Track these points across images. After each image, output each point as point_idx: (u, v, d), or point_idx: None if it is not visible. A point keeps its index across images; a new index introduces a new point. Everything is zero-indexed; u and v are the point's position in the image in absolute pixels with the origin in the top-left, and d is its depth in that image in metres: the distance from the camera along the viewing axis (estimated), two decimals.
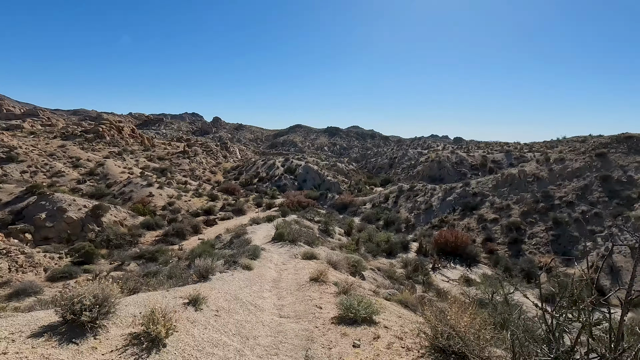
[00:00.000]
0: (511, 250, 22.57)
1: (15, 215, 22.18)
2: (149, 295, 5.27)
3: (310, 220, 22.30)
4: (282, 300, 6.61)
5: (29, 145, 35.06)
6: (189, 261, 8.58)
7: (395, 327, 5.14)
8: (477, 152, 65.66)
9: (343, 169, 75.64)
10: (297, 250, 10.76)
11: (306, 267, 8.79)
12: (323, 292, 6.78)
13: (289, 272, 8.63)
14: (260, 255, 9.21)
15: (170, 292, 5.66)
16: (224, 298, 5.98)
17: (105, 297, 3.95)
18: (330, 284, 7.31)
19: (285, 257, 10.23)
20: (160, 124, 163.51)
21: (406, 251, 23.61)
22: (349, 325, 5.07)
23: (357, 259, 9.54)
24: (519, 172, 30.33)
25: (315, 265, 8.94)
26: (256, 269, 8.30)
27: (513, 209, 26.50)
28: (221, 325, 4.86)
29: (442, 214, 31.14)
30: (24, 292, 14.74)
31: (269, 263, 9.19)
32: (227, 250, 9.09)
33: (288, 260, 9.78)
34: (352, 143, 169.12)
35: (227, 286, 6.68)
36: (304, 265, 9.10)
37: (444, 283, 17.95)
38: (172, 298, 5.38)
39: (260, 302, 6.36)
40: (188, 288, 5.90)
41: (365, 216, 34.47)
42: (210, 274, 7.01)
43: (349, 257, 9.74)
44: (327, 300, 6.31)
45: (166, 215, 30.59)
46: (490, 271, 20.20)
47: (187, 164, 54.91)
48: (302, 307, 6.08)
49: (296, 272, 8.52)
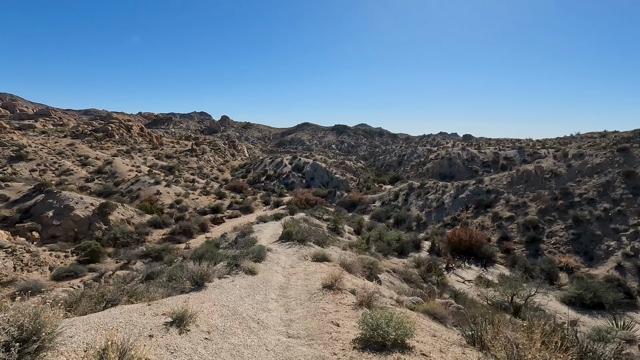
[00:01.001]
0: (529, 250, 21.56)
1: (23, 213, 22.14)
2: (122, 312, 4.33)
3: (318, 219, 21.69)
4: (291, 314, 5.73)
5: (38, 144, 35.30)
6: (192, 261, 7.92)
7: (434, 353, 4.22)
8: (488, 148, 64.10)
9: (351, 167, 74.83)
10: (306, 251, 9.93)
11: (317, 271, 7.97)
12: (339, 302, 5.86)
13: (298, 276, 7.82)
14: (265, 256, 8.46)
15: (153, 305, 4.69)
16: (220, 313, 5.05)
17: (37, 328, 2.76)
18: (346, 291, 6.43)
19: (293, 258, 9.39)
20: (169, 123, 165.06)
21: (418, 250, 22.83)
22: (377, 352, 4.07)
23: (372, 261, 8.75)
24: (535, 168, 29.14)
25: (327, 268, 8.16)
26: (261, 274, 7.50)
27: (530, 207, 25.41)
28: (212, 355, 3.87)
29: (454, 211, 30.17)
30: (28, 291, 14.57)
31: (275, 266, 8.38)
32: (231, 250, 8.40)
33: (297, 262, 8.96)
34: (360, 141, 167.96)
35: (225, 296, 5.89)
36: (315, 268, 8.29)
37: (459, 284, 17.14)
38: (153, 315, 4.39)
39: (264, 316, 5.47)
40: (176, 300, 5.05)
41: (374, 214, 33.71)
42: (206, 281, 6.22)
43: (363, 258, 8.96)
44: (345, 314, 5.43)
45: (173, 213, 30.39)
46: (507, 271, 19.29)
47: (195, 162, 54.86)
48: (315, 323, 5.17)
49: (306, 277, 7.67)
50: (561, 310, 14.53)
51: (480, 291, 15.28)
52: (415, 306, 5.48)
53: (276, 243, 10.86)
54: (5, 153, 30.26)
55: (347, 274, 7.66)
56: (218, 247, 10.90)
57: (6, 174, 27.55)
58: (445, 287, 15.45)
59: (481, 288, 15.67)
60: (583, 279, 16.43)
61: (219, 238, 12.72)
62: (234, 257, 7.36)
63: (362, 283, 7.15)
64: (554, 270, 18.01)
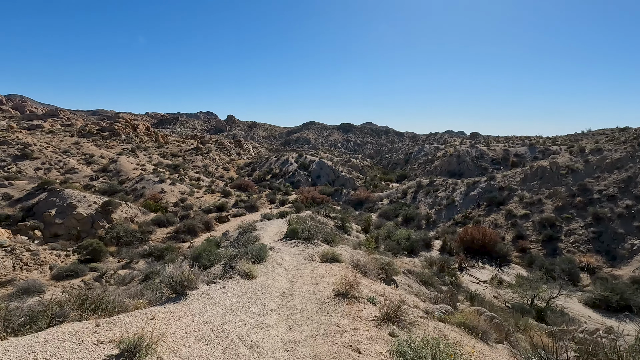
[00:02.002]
0: (546, 249, 20.56)
1: (26, 211, 21.86)
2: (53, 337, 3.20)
3: (325, 217, 20.98)
4: (295, 332, 4.45)
5: (43, 142, 35.26)
6: (191, 261, 7.12)
7: None
8: (498, 146, 62.78)
9: (358, 165, 73.96)
10: (313, 250, 8.88)
11: (327, 274, 6.87)
12: (357, 316, 4.65)
13: (305, 280, 6.67)
14: (267, 256, 7.41)
15: (103, 326, 3.51)
16: (198, 334, 3.81)
17: None
18: (364, 300, 5.27)
19: (299, 259, 8.32)
20: (176, 122, 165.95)
21: (429, 249, 21.99)
22: None
23: (387, 261, 7.87)
24: (550, 164, 28.00)
25: (338, 270, 7.11)
26: (260, 277, 6.35)
27: (545, 204, 24.34)
28: None
29: (465, 209, 29.21)
30: (26, 292, 14.09)
31: (277, 267, 7.25)
32: (230, 250, 7.59)
33: (303, 263, 7.88)
34: (366, 139, 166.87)
35: (211, 308, 4.66)
36: (324, 270, 7.19)
37: (474, 285, 16.27)
38: (94, 344, 3.19)
39: (260, 336, 4.18)
40: (138, 317, 3.87)
41: (382, 212, 32.89)
42: (189, 288, 5.05)
43: (377, 258, 8.11)
44: (367, 334, 4.25)
45: (178, 211, 29.97)
46: (524, 272, 18.35)
47: (200, 161, 54.58)
48: (327, 347, 3.94)
49: (314, 281, 6.54)
50: (585, 313, 13.59)
51: (497, 293, 14.41)
52: (446, 317, 4.65)
53: (280, 242, 9.92)
54: (11, 151, 30.22)
55: (361, 277, 6.72)
56: (219, 245, 10.25)
57: (11, 172, 27.44)
58: (459, 288, 14.63)
59: (499, 290, 14.78)
60: (607, 280, 15.45)
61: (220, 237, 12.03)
62: (230, 258, 6.41)
63: (380, 289, 6.20)
64: (574, 271, 17.01)
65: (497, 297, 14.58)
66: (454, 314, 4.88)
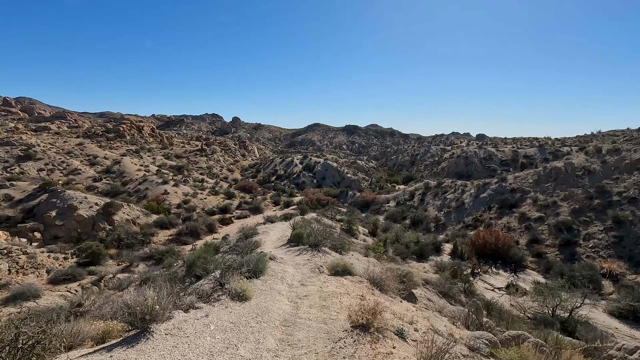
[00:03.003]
0: (563, 254, 19.55)
1: (26, 213, 21.48)
2: None
3: (331, 219, 20.25)
4: None
5: (46, 143, 35.13)
6: (186, 269, 6.32)
7: None
8: (506, 147, 61.59)
9: (363, 166, 73.14)
10: (321, 260, 7.76)
11: (339, 292, 5.67)
12: None
13: (312, 301, 5.41)
14: (266, 269, 6.22)
15: None
16: None
17: None
18: (390, 334, 4.10)
19: (304, 270, 7.14)
20: (182, 124, 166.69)
21: (439, 253, 21.08)
22: None
23: (405, 272, 6.95)
24: (565, 165, 26.93)
25: (351, 286, 5.97)
26: (256, 299, 5.12)
27: (561, 206, 23.30)
28: None
29: (475, 211, 28.23)
30: (21, 296, 13.59)
31: (278, 283, 6.02)
32: (229, 256, 6.76)
33: (309, 276, 6.68)
34: (371, 141, 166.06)
35: (180, 354, 3.44)
36: (335, 286, 5.98)
37: (489, 292, 15.38)
38: None
39: None
40: None
41: (389, 214, 32.02)
42: (155, 321, 3.75)
43: (393, 268, 7.16)
44: None
45: (181, 213, 29.48)
46: (541, 278, 17.39)
47: (204, 162, 54.22)
48: None
49: (324, 303, 5.28)
50: (611, 324, 12.63)
51: (515, 301, 13.51)
52: (494, 353, 3.80)
53: (283, 248, 8.91)
54: (14, 152, 30.03)
55: (379, 293, 5.74)
56: (218, 250, 9.54)
57: (14, 173, 27.20)
58: (473, 296, 13.77)
59: (517, 297, 13.86)
60: (633, 288, 14.43)
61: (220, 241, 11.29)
62: (222, 272, 5.21)
63: (403, 310, 5.09)
64: (596, 278, 16.02)
65: (515, 305, 13.69)
66: (498, 345, 4.06)
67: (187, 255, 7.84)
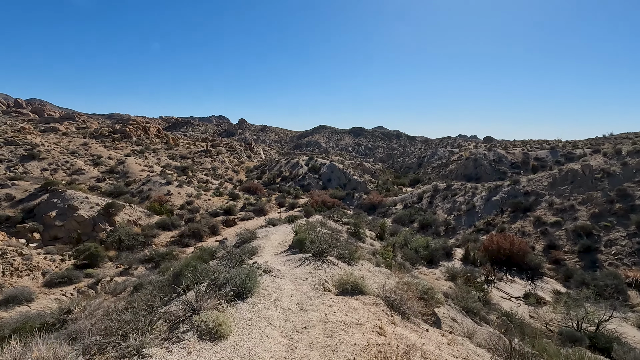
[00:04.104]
0: (583, 261, 18.45)
1: (26, 213, 21.12)
2: None
3: (337, 222, 19.45)
4: None
5: (51, 143, 35.04)
6: (172, 279, 5.46)
7: None
8: (516, 149, 60.22)
9: (369, 168, 72.21)
10: (326, 272, 6.44)
11: (349, 321, 4.37)
12: None
13: (314, 337, 3.94)
14: (257, 286, 4.83)
15: None
16: None
17: None
18: None
19: (305, 287, 5.67)
20: (188, 126, 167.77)
21: (449, 259, 20.11)
22: None
23: (426, 287, 5.85)
24: (582, 167, 25.74)
25: (364, 311, 4.73)
26: (235, 336, 3.60)
27: (579, 210, 22.16)
28: None
29: (487, 215, 27.17)
30: (14, 300, 13.06)
31: (270, 308, 4.57)
32: (221, 265, 5.81)
33: (311, 296, 5.28)
34: (377, 143, 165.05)
35: None
36: (344, 312, 4.69)
37: (505, 301, 14.41)
38: None
39: None
40: None
41: (397, 217, 31.10)
42: None
43: (411, 282, 6.10)
44: None
45: (184, 214, 28.97)
46: (561, 287, 16.34)
47: (209, 163, 53.89)
48: None
49: (329, 342, 3.83)
50: None
51: (536, 312, 12.53)
52: None
53: (284, 255, 7.83)
54: (18, 152, 29.93)
55: (400, 320, 4.56)
56: (213, 256, 8.77)
57: (17, 172, 27.01)
58: (489, 306, 12.84)
59: (536, 308, 12.85)
60: None
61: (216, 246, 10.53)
62: (199, 293, 3.80)
63: (433, 347, 3.98)
64: (621, 287, 14.93)
65: (535, 317, 12.72)
66: None
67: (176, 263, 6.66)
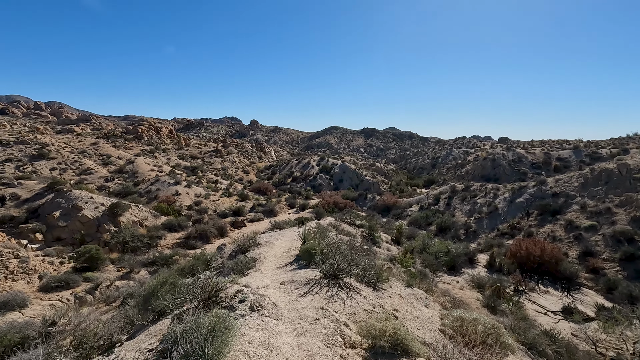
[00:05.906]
0: (626, 270, 16.54)
1: (31, 213, 20.63)
2: None
3: (350, 224, 18.12)
4: None
5: (61, 143, 35.02)
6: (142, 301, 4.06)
7: None
8: (536, 149, 57.56)
9: (382, 169, 70.46)
10: (344, 308, 4.30)
11: None
12: None
13: None
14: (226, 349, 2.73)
15: None
16: None
17: None
18: None
19: (313, 343, 3.46)
20: (201, 127, 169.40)
21: (472, 265, 18.47)
22: None
23: (488, 325, 3.84)
24: (618, 166, 23.62)
25: None
26: None
27: (617, 214, 20.15)
28: None
29: (511, 218, 25.29)
30: (6, 306, 12.25)
31: None
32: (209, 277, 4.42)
33: None
34: (389, 144, 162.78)
35: None
36: None
37: (541, 315, 12.78)
38: None
39: None
40: None
41: (413, 220, 29.50)
42: None
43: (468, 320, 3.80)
44: None
45: (191, 215, 28.19)
46: (602, 299, 14.54)
47: (219, 163, 53.36)
48: None
49: None
50: None
51: (582, 332, 10.86)
52: None
53: (287, 269, 6.02)
54: (28, 151, 29.89)
55: None
56: (209, 264, 7.65)
57: (26, 172, 26.82)
58: (525, 322, 11.27)
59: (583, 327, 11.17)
60: None
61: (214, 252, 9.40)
62: None
63: None
64: None
65: (578, 335, 11.08)
66: None
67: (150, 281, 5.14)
